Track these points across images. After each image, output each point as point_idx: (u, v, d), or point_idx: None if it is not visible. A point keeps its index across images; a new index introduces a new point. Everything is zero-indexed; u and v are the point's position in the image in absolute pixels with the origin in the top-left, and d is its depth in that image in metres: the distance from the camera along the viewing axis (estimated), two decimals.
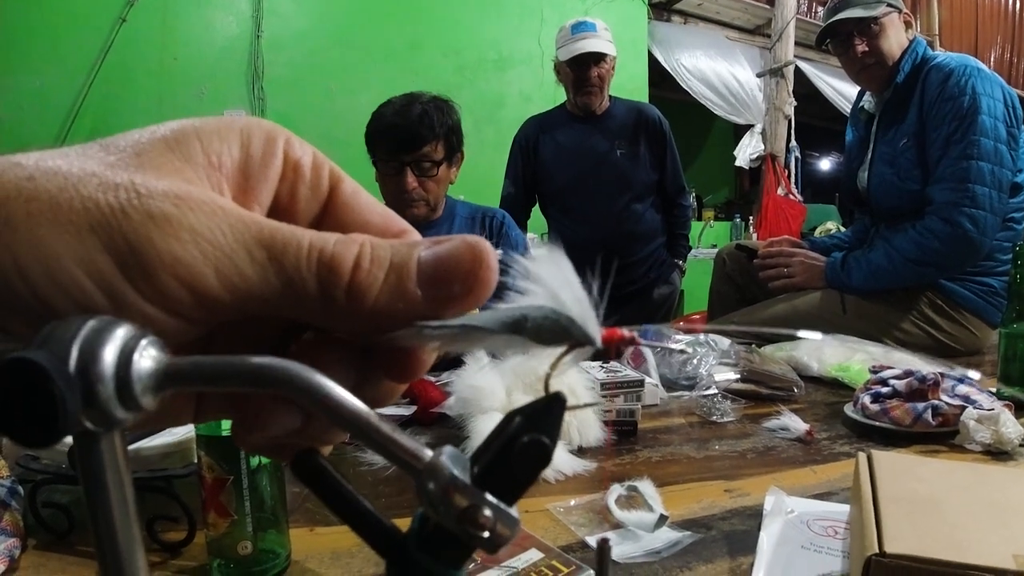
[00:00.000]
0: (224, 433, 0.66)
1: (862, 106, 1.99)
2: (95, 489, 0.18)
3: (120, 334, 0.17)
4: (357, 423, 0.17)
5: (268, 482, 0.69)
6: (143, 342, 0.18)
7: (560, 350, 0.18)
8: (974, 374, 1.23)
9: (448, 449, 0.17)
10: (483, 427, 0.95)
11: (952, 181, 1.67)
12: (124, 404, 0.17)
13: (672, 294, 2.73)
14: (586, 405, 1.04)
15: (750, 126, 5.43)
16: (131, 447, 0.78)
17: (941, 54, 1.83)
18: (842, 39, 1.87)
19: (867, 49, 1.82)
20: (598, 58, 2.41)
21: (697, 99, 5.30)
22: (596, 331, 0.17)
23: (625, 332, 0.18)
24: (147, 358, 0.18)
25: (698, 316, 2.85)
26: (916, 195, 1.77)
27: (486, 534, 0.16)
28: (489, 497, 0.16)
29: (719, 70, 5.33)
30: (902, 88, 1.81)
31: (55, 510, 0.78)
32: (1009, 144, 1.68)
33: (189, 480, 0.73)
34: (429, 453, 0.17)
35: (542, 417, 0.17)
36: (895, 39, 1.81)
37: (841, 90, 5.69)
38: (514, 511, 0.17)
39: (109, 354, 0.17)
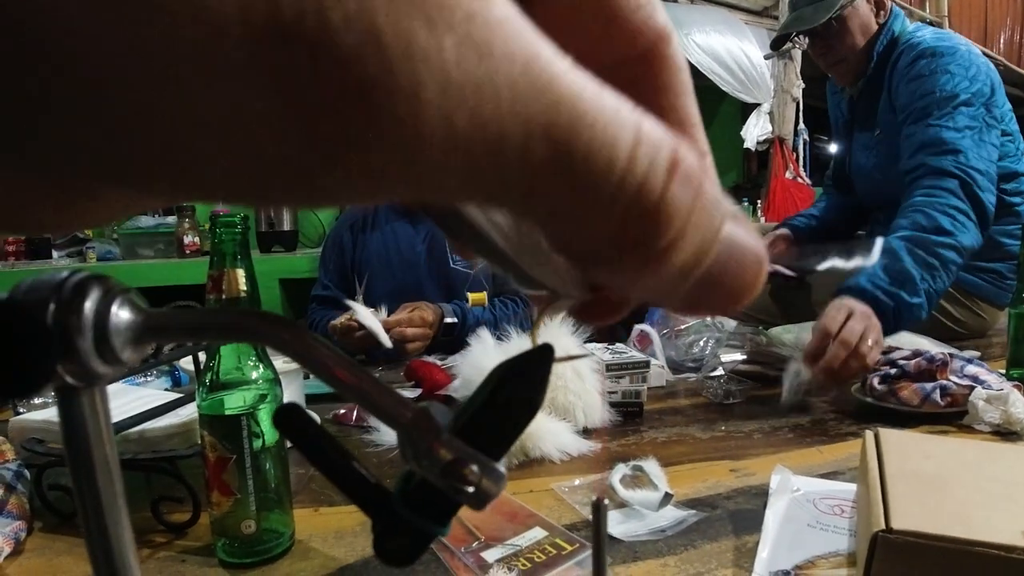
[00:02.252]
0: (227, 412, 0.66)
1: (843, 87, 1.92)
2: (76, 445, 0.18)
3: (98, 287, 0.17)
4: (339, 376, 0.16)
5: (271, 463, 0.69)
6: (121, 295, 0.17)
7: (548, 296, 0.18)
8: (974, 353, 1.21)
9: (435, 404, 0.17)
10: None
11: (934, 147, 1.50)
12: (103, 358, 0.17)
13: None
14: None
15: (758, 105, 5.39)
16: (135, 429, 0.78)
17: (911, 33, 1.70)
18: (805, 33, 1.75)
19: (826, 50, 1.73)
20: None
21: (706, 75, 5.25)
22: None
23: None
24: (125, 311, 0.17)
25: None
26: (892, 189, 1.64)
27: (471, 489, 0.16)
28: (474, 451, 0.16)
29: (730, 47, 5.27)
30: (874, 77, 1.72)
31: (61, 492, 0.78)
32: (987, 124, 1.56)
33: (193, 461, 0.73)
34: (414, 406, 0.17)
35: (528, 368, 0.17)
36: (859, 29, 1.69)
37: None
38: (500, 466, 0.16)
39: (87, 306, 0.16)
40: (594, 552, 0.23)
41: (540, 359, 0.17)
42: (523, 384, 0.16)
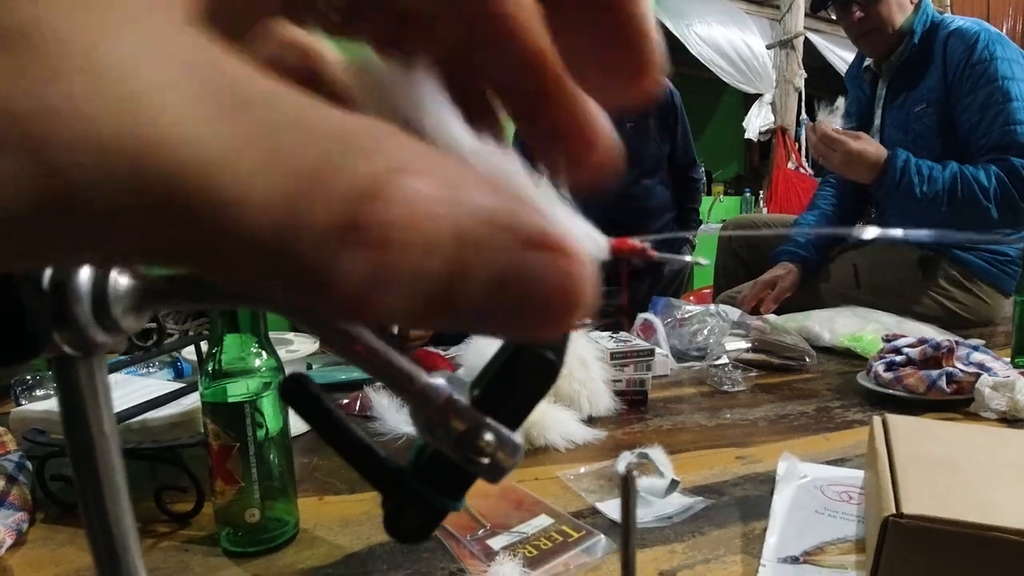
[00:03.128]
0: (230, 399, 0.65)
1: (867, 65, 1.94)
2: (74, 419, 0.17)
3: None
4: (348, 341, 0.16)
5: (275, 452, 0.68)
6: None
7: None
8: (979, 341, 1.21)
9: (448, 373, 0.16)
10: None
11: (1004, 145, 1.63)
12: (103, 326, 0.16)
13: (683, 269, 2.71)
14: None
15: (760, 95, 5.37)
16: (137, 418, 0.77)
17: (952, 17, 1.79)
18: (841, 3, 1.82)
19: (863, 16, 1.77)
20: None
21: (707, 67, 5.23)
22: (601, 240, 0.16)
23: (636, 242, 0.16)
24: (125, 276, 0.16)
25: (708, 290, 2.83)
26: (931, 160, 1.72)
27: (486, 460, 0.15)
28: (490, 420, 0.15)
29: (731, 38, 5.25)
30: (918, 53, 1.76)
31: (63, 483, 0.78)
32: None
33: (197, 451, 0.72)
34: (426, 375, 0.16)
35: None
36: (895, 3, 1.76)
37: (850, 61, 5.61)
38: (517, 436, 0.16)
39: (84, 271, 0.16)
40: (623, 529, 0.22)
41: None
42: (542, 349, 0.16)
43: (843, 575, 0.61)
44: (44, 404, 0.89)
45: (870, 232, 1.37)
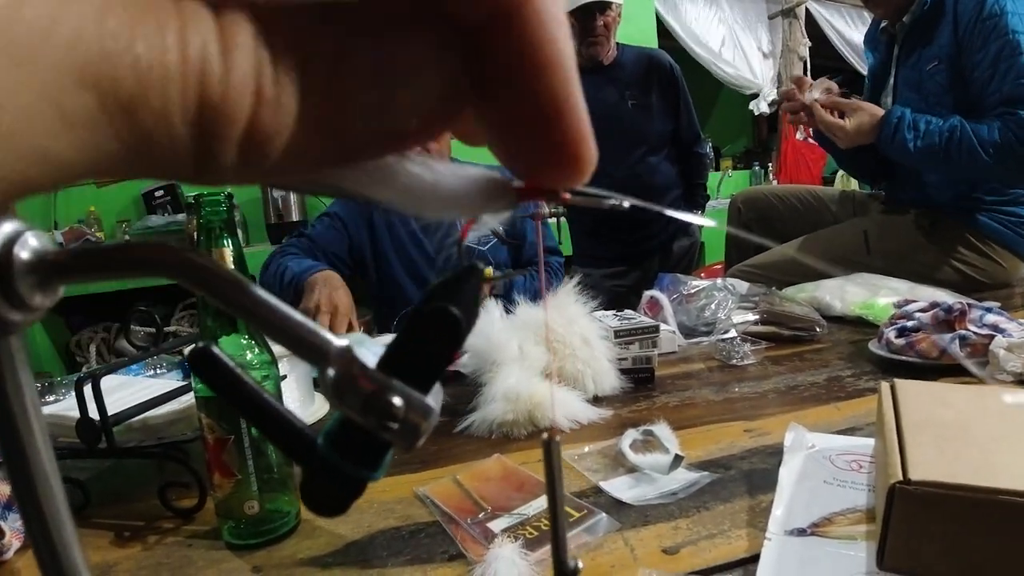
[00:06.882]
0: None
1: (883, 27, 1.91)
2: None
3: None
4: (253, 308, 0.15)
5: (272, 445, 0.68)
6: (25, 235, 0.16)
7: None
8: (993, 303, 1.18)
9: (359, 337, 0.15)
10: (499, 382, 0.93)
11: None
12: (11, 303, 0.16)
13: (692, 246, 2.68)
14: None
15: (755, 95, 5.34)
16: (138, 417, 0.77)
17: None
18: None
19: None
20: (603, 6, 2.33)
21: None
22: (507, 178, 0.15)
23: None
24: (28, 251, 0.16)
25: (719, 266, 2.80)
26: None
27: (396, 425, 0.14)
28: (397, 382, 0.14)
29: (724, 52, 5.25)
30: (929, 11, 1.73)
31: (71, 485, 0.78)
32: None
33: (199, 446, 0.72)
34: (335, 339, 0.15)
35: (453, 287, 0.15)
36: None
37: (847, 36, 5.54)
38: (431, 398, 0.15)
39: None
40: (549, 498, 0.21)
41: (467, 277, 0.15)
42: (446, 303, 0.15)
43: (852, 545, 0.59)
44: (48, 408, 0.89)
45: None
